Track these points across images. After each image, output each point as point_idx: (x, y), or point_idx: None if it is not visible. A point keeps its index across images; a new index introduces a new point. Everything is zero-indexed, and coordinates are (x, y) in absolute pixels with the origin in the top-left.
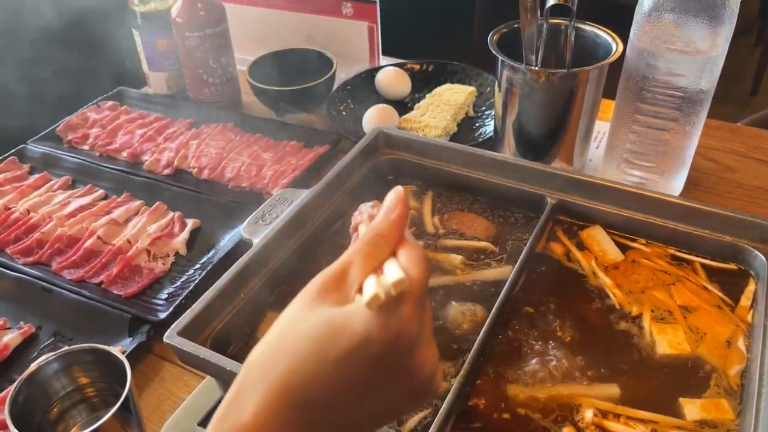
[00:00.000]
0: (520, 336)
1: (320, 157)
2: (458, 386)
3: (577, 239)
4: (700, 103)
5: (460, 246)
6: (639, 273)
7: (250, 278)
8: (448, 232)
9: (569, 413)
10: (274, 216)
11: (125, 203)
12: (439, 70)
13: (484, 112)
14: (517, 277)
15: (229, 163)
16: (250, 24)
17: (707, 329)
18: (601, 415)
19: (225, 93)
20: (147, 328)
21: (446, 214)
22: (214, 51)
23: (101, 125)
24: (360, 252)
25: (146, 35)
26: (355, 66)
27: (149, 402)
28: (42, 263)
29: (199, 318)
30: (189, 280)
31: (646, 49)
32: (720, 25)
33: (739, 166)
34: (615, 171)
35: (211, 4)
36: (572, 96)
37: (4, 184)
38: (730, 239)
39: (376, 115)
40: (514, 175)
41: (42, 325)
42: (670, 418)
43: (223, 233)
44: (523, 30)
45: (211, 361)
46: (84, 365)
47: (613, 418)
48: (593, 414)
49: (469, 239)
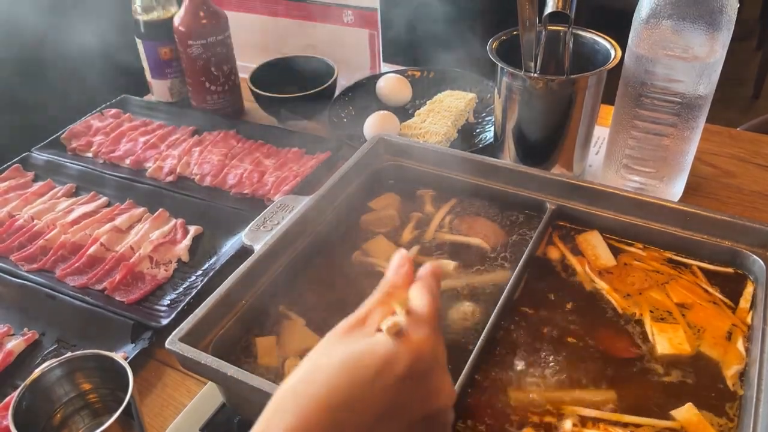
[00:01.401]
0: (518, 341)
1: (322, 163)
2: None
3: (573, 244)
4: (699, 108)
5: (459, 241)
6: (633, 275)
7: (252, 285)
8: (453, 233)
9: (561, 420)
10: (275, 222)
11: (128, 210)
12: (439, 77)
13: (485, 119)
14: (516, 282)
15: (231, 170)
16: (252, 32)
17: (705, 324)
18: (591, 423)
19: (227, 100)
20: (149, 334)
21: (456, 219)
22: (216, 59)
23: (105, 133)
24: (377, 301)
25: (149, 44)
26: (357, 73)
27: (151, 407)
28: (46, 270)
29: (200, 324)
30: (191, 286)
31: (644, 55)
32: (718, 31)
33: (738, 171)
34: (615, 176)
35: (213, 12)
36: (571, 102)
37: (9, 191)
38: (729, 244)
39: (377, 121)
40: (514, 181)
41: (45, 332)
42: (661, 421)
43: (225, 240)
44: (522, 37)
45: (213, 367)
46: (87, 371)
47: (603, 427)
48: (572, 424)
49: (469, 240)
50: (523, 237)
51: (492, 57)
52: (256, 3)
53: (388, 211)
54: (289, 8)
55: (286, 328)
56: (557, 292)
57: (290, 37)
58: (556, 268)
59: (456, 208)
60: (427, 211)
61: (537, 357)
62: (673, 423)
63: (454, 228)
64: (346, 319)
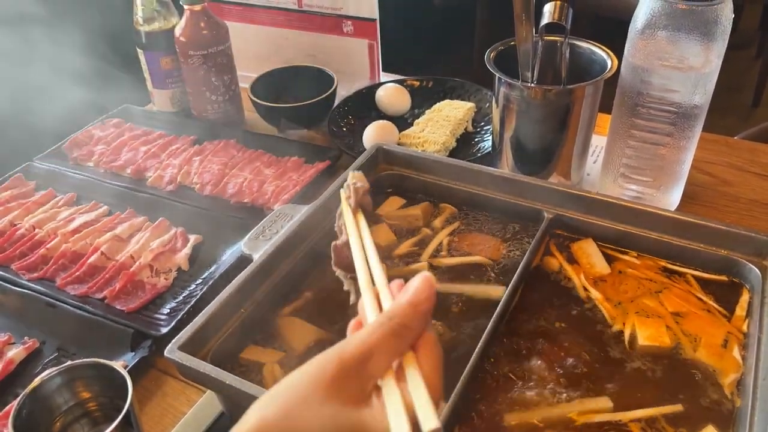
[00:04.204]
0: (513, 355)
1: (321, 172)
2: (451, 405)
3: (568, 252)
4: (695, 118)
5: (463, 263)
6: (627, 283)
7: (250, 293)
8: (453, 253)
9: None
10: (274, 231)
11: (129, 219)
12: (438, 87)
13: (483, 128)
14: (512, 293)
15: (231, 179)
16: (253, 42)
17: (701, 333)
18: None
19: (228, 110)
20: (149, 342)
21: (456, 237)
22: (217, 69)
23: (106, 142)
24: (383, 344)
25: (150, 54)
26: (356, 83)
27: (151, 416)
28: (46, 279)
29: (199, 333)
30: (191, 295)
31: (640, 65)
32: (713, 41)
33: (735, 180)
34: (612, 185)
35: (214, 23)
36: (568, 112)
37: (10, 200)
38: (725, 253)
39: (376, 131)
40: (512, 190)
41: (46, 340)
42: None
43: (225, 248)
44: (519, 47)
45: (212, 376)
46: (86, 380)
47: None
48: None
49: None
50: (519, 247)
51: (489, 67)
52: (257, 13)
53: (411, 210)
54: (289, 19)
55: (286, 333)
56: (553, 303)
57: (290, 48)
58: (552, 278)
59: (458, 226)
60: (433, 226)
61: (530, 372)
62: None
63: (454, 248)
64: (341, 354)
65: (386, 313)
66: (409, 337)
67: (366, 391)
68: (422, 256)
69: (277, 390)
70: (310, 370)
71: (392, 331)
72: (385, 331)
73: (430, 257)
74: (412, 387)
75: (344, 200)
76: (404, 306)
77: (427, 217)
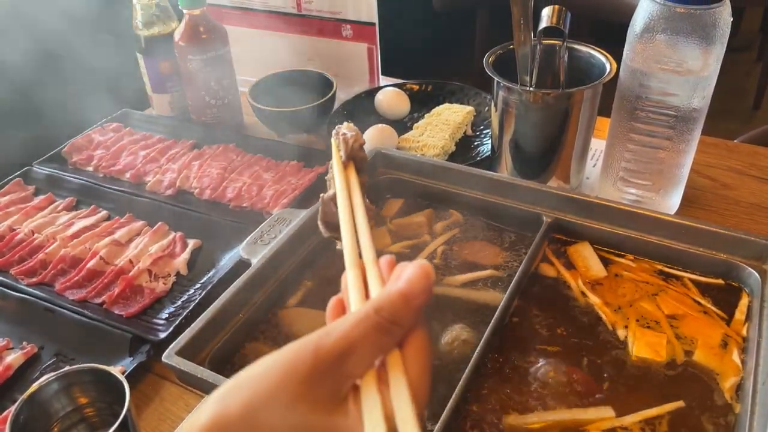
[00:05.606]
0: (512, 361)
1: (320, 176)
2: (449, 411)
3: (565, 257)
4: (694, 121)
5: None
6: (624, 287)
7: (248, 298)
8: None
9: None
10: (272, 236)
11: (128, 224)
12: (437, 90)
13: (482, 131)
14: (511, 298)
15: (230, 183)
16: (252, 46)
17: (697, 334)
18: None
19: (227, 114)
20: (147, 347)
21: (455, 245)
22: (216, 73)
23: (105, 147)
24: (366, 340)
25: (150, 59)
26: (355, 87)
27: (149, 421)
28: (45, 284)
29: (197, 338)
30: (189, 299)
31: (638, 69)
32: (711, 45)
33: (735, 183)
34: (611, 189)
35: (213, 27)
36: (567, 115)
37: (9, 205)
38: (725, 257)
39: (375, 135)
40: (510, 194)
41: (44, 345)
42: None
43: (224, 253)
44: (517, 51)
45: (210, 381)
46: (84, 385)
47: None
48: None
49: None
50: (518, 251)
51: (488, 71)
52: (256, 18)
53: (416, 218)
54: (288, 23)
55: (290, 325)
56: (552, 309)
57: (289, 52)
58: (550, 283)
59: (455, 234)
60: (434, 231)
61: (529, 378)
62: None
63: (454, 257)
64: (318, 345)
65: (373, 303)
66: (397, 334)
67: (341, 392)
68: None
69: (243, 379)
70: (281, 360)
71: (378, 326)
72: (370, 325)
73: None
74: (395, 394)
75: (334, 149)
76: (395, 298)
77: (430, 225)
